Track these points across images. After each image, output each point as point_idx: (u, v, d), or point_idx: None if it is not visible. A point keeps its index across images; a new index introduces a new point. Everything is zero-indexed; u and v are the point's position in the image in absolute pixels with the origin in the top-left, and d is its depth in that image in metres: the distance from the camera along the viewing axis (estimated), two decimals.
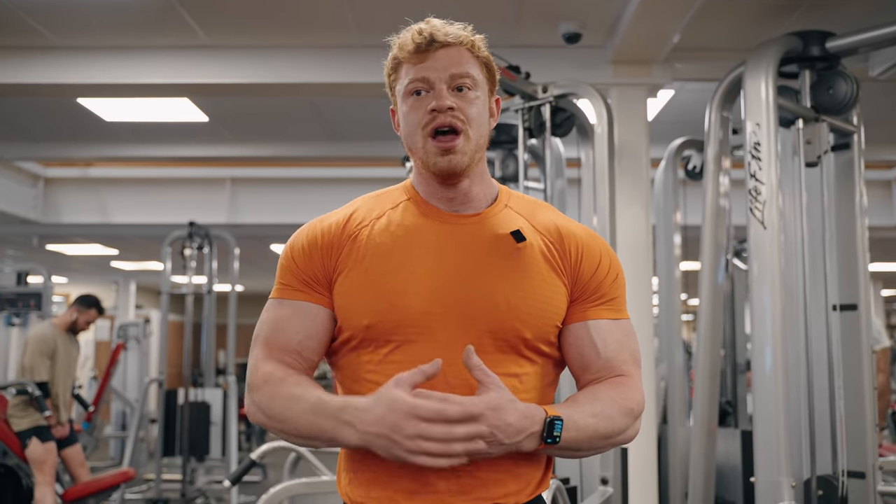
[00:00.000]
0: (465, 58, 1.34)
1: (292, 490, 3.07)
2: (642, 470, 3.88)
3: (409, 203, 1.40)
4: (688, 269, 5.18)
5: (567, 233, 1.40)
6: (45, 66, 4.48)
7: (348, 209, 1.42)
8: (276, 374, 1.32)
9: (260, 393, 1.31)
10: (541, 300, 1.34)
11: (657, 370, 4.32)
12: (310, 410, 1.25)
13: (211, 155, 6.56)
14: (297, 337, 1.35)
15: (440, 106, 1.31)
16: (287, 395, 1.28)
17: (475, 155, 1.34)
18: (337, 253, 1.36)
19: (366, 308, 1.31)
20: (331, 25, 4.19)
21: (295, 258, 1.38)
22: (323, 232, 1.38)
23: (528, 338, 1.32)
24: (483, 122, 1.36)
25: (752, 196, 2.96)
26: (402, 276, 1.31)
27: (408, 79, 1.34)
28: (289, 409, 1.27)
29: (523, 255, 1.35)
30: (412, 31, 1.35)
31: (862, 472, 3.08)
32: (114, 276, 13.46)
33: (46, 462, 4.95)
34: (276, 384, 1.30)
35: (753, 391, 2.93)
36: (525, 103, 3.53)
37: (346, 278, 1.34)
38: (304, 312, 1.36)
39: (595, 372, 1.37)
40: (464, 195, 1.38)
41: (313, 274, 1.36)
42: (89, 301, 5.49)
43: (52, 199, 8.03)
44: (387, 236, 1.35)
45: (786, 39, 3.15)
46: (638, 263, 4.13)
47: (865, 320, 3.21)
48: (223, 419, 7.10)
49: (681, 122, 5.46)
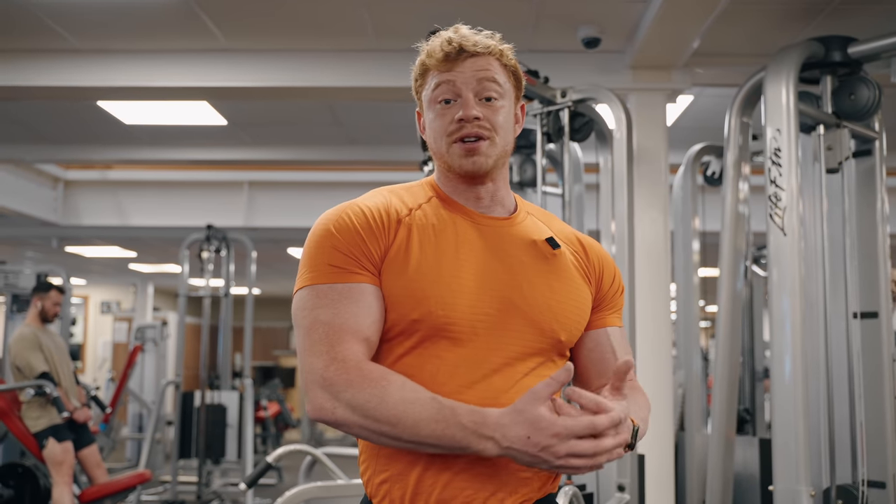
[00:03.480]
0: (493, 67, 1.35)
1: (308, 493, 3.07)
2: (659, 477, 3.86)
3: (437, 200, 1.40)
4: (706, 275, 5.15)
5: (587, 244, 1.48)
6: (65, 68, 4.52)
7: (381, 197, 1.37)
8: (372, 368, 1.23)
9: (360, 392, 1.20)
10: (576, 305, 1.39)
11: (675, 377, 4.29)
12: (433, 417, 1.18)
13: (229, 158, 6.59)
14: (367, 320, 1.27)
15: (467, 116, 1.32)
16: (399, 399, 1.20)
17: (499, 159, 1.36)
18: (392, 235, 1.31)
19: (416, 301, 1.28)
20: (349, 29, 4.20)
21: (344, 238, 1.30)
22: (371, 213, 1.32)
23: (563, 340, 1.37)
24: (509, 129, 1.38)
25: (771, 202, 2.94)
26: (452, 273, 1.31)
27: (435, 86, 1.35)
28: (405, 412, 1.19)
29: (558, 260, 1.40)
30: (441, 39, 1.35)
31: (882, 482, 3.05)
32: (132, 278, 13.54)
33: (64, 462, 4.97)
34: (381, 383, 1.21)
35: (772, 399, 2.90)
36: (544, 108, 3.52)
37: (398, 266, 1.30)
38: (368, 294, 1.28)
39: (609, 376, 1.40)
40: (491, 197, 1.40)
41: (369, 253, 1.30)
42: (44, 286, 5.47)
43: (72, 202, 8.09)
44: (430, 229, 1.34)
45: (807, 45, 3.13)
46: (656, 269, 4.11)
47: (886, 328, 3.18)
48: (239, 422, 7.12)
49: (700, 128, 5.44)
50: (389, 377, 1.22)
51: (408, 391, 1.21)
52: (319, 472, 3.46)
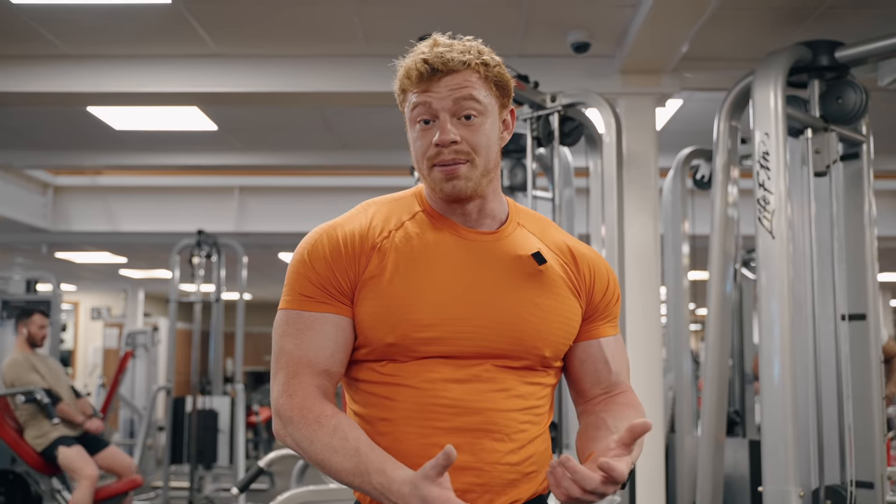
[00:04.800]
0: (470, 82, 1.31)
1: (300, 498, 3.07)
2: (650, 479, 3.87)
3: (423, 215, 1.38)
4: (696, 278, 5.17)
5: (579, 254, 1.44)
6: (55, 74, 4.51)
7: (364, 216, 1.38)
8: (311, 409, 1.27)
9: (297, 430, 1.27)
10: (561, 320, 1.37)
11: (665, 380, 4.31)
12: (351, 471, 1.23)
13: (220, 164, 6.59)
14: (326, 352, 1.30)
15: (443, 141, 1.29)
16: (325, 445, 1.25)
17: (482, 179, 1.34)
18: (364, 264, 1.32)
19: (390, 326, 1.29)
20: (339, 35, 4.21)
21: (315, 267, 1.32)
22: (345, 240, 1.33)
23: (547, 356, 1.36)
24: (491, 146, 1.34)
25: (760, 206, 2.96)
26: (426, 294, 1.30)
27: (413, 106, 1.33)
28: (328, 460, 1.25)
29: (544, 276, 1.37)
30: (416, 58, 1.32)
31: (871, 483, 3.07)
32: (122, 284, 13.50)
33: (83, 465, 4.95)
34: (313, 426, 1.26)
35: (761, 401, 2.92)
36: (533, 112, 3.54)
37: (370, 292, 1.31)
38: (330, 325, 1.31)
39: (605, 387, 1.44)
40: (478, 212, 1.38)
41: (337, 284, 1.31)
42: (26, 311, 5.50)
43: (62, 208, 8.06)
44: (409, 250, 1.33)
45: (795, 49, 3.15)
46: (646, 273, 4.12)
47: (874, 330, 3.20)
48: (231, 427, 7.11)
49: (689, 132, 5.46)
50: (323, 421, 1.26)
51: (336, 439, 1.25)
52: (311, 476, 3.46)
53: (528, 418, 1.33)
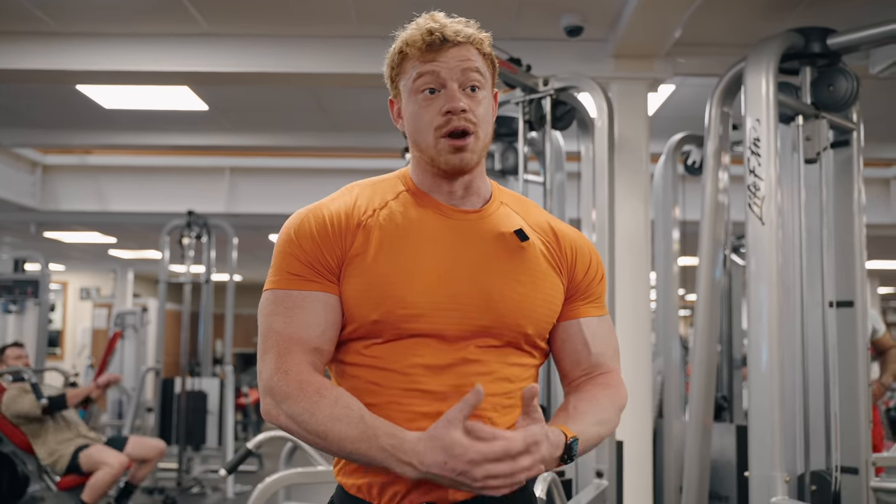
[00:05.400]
0: (473, 56, 1.34)
1: (288, 479, 3.08)
2: (637, 463, 3.90)
3: (408, 194, 1.39)
4: (686, 264, 5.19)
5: (561, 233, 1.45)
6: (44, 52, 4.47)
7: (348, 196, 1.39)
8: (310, 381, 1.26)
9: (296, 404, 1.25)
10: (543, 297, 1.38)
11: (654, 364, 4.33)
12: (357, 437, 1.22)
13: (210, 144, 6.55)
14: (318, 330, 1.30)
15: (454, 108, 1.30)
16: (327, 415, 1.23)
17: (482, 153, 1.36)
18: (350, 240, 1.33)
19: (374, 304, 1.30)
20: (332, 15, 4.19)
21: (303, 245, 1.32)
22: (331, 218, 1.34)
23: (529, 333, 1.36)
24: (490, 121, 1.38)
25: (750, 192, 2.97)
26: (410, 271, 1.31)
27: (417, 76, 1.33)
28: (331, 430, 1.23)
29: (526, 253, 1.38)
30: (422, 28, 1.33)
31: (855, 468, 3.10)
32: (112, 264, 13.45)
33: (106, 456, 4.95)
34: (314, 398, 1.25)
35: (749, 386, 2.94)
36: (526, 96, 3.53)
37: (356, 270, 1.32)
38: (319, 303, 1.31)
39: (585, 368, 1.44)
40: (464, 189, 1.39)
41: (325, 262, 1.32)
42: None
43: (51, 187, 8.02)
44: (393, 228, 1.34)
45: (787, 36, 3.15)
46: (636, 258, 4.13)
47: (861, 317, 3.22)
48: (220, 408, 7.12)
49: (681, 118, 5.46)
50: (324, 392, 1.26)
51: (339, 408, 1.24)
52: (300, 458, 3.47)
53: (512, 401, 1.34)
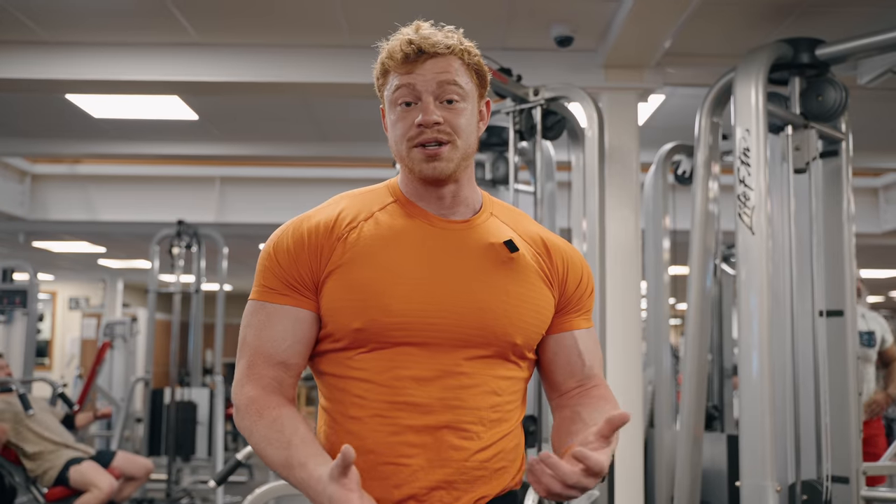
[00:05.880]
0: (454, 67, 1.32)
1: (278, 491, 3.06)
2: (628, 473, 3.89)
3: (396, 205, 1.39)
4: (676, 273, 5.20)
5: (552, 245, 1.44)
6: (33, 61, 4.45)
7: (334, 208, 1.38)
8: (256, 399, 1.31)
9: (242, 421, 1.32)
10: (533, 308, 1.37)
11: (645, 374, 4.33)
12: (282, 464, 1.25)
13: (200, 153, 6.53)
14: (284, 344, 1.33)
15: (426, 121, 1.30)
16: (262, 436, 1.28)
17: (461, 162, 1.35)
18: (327, 255, 1.33)
19: (356, 312, 1.30)
20: (322, 25, 4.18)
21: (279, 260, 1.34)
22: (310, 232, 1.34)
23: (518, 343, 1.35)
24: (471, 130, 1.36)
25: (740, 201, 2.97)
26: (394, 280, 1.30)
27: (395, 88, 1.33)
28: (263, 452, 1.28)
29: (516, 264, 1.37)
30: (401, 39, 1.33)
31: (846, 477, 3.10)
32: (101, 273, 13.39)
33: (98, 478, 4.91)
34: (254, 417, 1.30)
35: (740, 396, 2.94)
36: (516, 106, 3.53)
37: (336, 281, 1.31)
38: (289, 317, 1.33)
39: (579, 379, 1.44)
40: (452, 198, 1.38)
41: (299, 276, 1.33)
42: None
43: (39, 196, 7.98)
44: (377, 239, 1.33)
45: (776, 46, 3.17)
46: (626, 267, 4.13)
47: (851, 326, 3.23)
48: (209, 419, 7.07)
49: (671, 127, 5.48)
50: (265, 412, 1.29)
51: (273, 430, 1.27)
52: None
53: (499, 415, 1.33)
